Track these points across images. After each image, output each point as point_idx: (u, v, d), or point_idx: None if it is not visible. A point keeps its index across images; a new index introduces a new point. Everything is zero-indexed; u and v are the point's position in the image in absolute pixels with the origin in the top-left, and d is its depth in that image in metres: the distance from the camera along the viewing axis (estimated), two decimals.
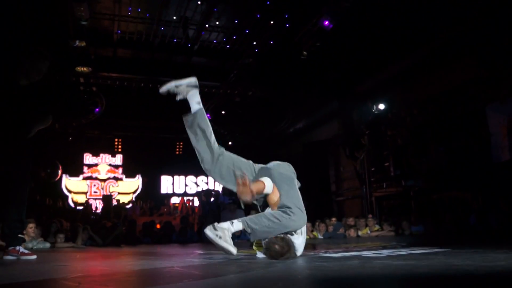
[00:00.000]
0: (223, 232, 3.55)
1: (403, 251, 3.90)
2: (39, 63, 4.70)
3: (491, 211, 8.74)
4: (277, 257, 3.38)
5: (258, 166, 4.16)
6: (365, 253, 3.81)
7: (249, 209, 10.95)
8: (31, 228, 7.44)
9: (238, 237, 9.44)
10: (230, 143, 17.40)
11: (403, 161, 11.36)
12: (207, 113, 14.77)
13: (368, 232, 9.32)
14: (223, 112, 15.41)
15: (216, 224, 3.63)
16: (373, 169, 12.59)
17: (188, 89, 4.36)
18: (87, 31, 10.31)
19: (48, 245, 7.59)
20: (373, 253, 3.79)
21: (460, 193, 10.43)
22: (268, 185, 3.68)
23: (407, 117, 11.37)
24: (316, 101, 14.44)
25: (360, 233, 9.41)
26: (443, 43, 9.83)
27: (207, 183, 19.16)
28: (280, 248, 3.40)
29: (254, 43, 11.58)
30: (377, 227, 9.53)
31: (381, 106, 11.76)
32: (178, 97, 4.42)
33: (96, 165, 17.95)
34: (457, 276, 2.27)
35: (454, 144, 9.78)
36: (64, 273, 3.04)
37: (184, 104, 4.54)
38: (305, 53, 10.82)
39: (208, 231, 3.56)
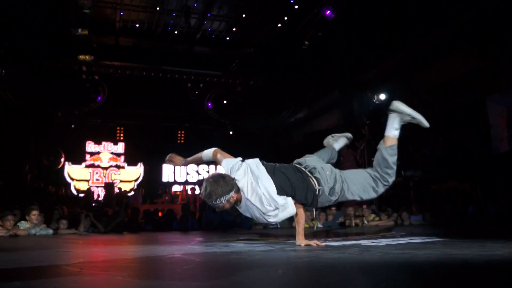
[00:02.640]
0: None
1: (402, 240, 3.91)
2: None
3: (490, 202, 8.74)
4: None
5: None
6: (364, 242, 3.82)
7: None
8: (34, 215, 7.47)
9: (239, 225, 9.48)
10: (231, 132, 17.40)
11: (403, 151, 11.34)
12: (208, 102, 14.85)
13: (366, 222, 9.34)
14: (224, 102, 15.38)
15: None
16: (373, 159, 12.58)
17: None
18: (90, 19, 10.27)
19: (50, 231, 7.61)
20: (372, 242, 3.80)
21: (459, 183, 10.44)
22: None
23: None
24: (317, 91, 14.41)
25: (359, 221, 9.44)
26: (444, 33, 9.77)
27: (208, 172, 19.18)
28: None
29: (256, 32, 11.53)
30: (372, 216, 9.54)
31: (382, 97, 11.72)
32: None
33: (98, 153, 17.94)
34: (454, 265, 2.28)
35: (453, 135, 9.77)
36: (66, 259, 3.06)
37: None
38: (306, 43, 10.78)
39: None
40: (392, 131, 4.40)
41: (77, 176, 17.48)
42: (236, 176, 3.62)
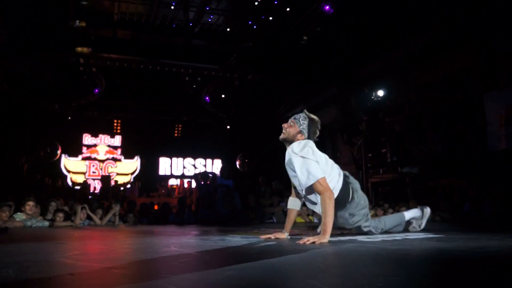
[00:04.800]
0: None
1: (398, 236, 3.92)
2: None
3: (486, 199, 8.78)
4: None
5: None
6: (360, 237, 3.83)
7: (246, 192, 11.00)
8: (28, 205, 7.46)
9: (235, 219, 9.48)
10: (228, 126, 17.39)
11: (400, 147, 11.37)
12: (206, 96, 14.82)
13: None
14: (222, 96, 15.36)
15: None
16: (370, 155, 12.61)
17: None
18: (87, 11, 10.22)
19: (46, 223, 7.61)
20: (368, 238, 3.80)
21: (455, 180, 10.47)
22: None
23: (405, 104, 11.35)
24: (315, 86, 14.40)
25: None
26: (442, 30, 9.77)
27: (205, 166, 19.19)
28: None
29: (255, 27, 11.50)
30: (372, 212, 9.57)
31: (380, 93, 11.73)
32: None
33: (95, 145, 17.91)
34: (449, 260, 2.28)
35: (450, 132, 9.78)
36: (61, 251, 3.05)
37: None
38: (305, 38, 10.77)
39: None
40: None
41: (73, 168, 17.46)
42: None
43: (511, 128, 8.38)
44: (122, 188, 16.14)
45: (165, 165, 19.09)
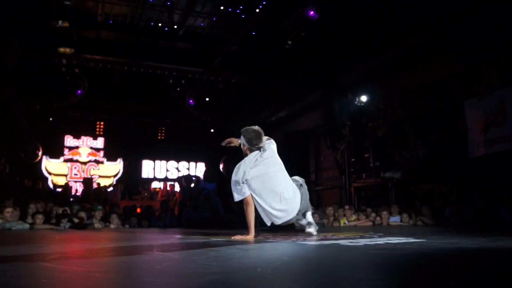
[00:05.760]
0: None
1: (380, 241, 3.95)
2: (10, 54, 5.04)
3: (465, 204, 8.90)
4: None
5: None
6: (343, 242, 3.85)
7: (228, 196, 10.97)
8: (8, 212, 7.34)
9: (218, 222, 9.45)
10: (212, 130, 17.35)
11: (383, 153, 11.47)
12: (190, 99, 14.77)
13: (346, 222, 9.41)
14: (206, 99, 15.32)
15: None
16: (353, 160, 12.68)
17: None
18: (71, 12, 10.11)
19: (27, 226, 7.49)
20: (351, 242, 3.82)
21: (436, 185, 10.60)
22: None
23: (388, 110, 11.46)
24: (299, 90, 14.46)
25: (338, 222, 9.51)
26: (424, 38, 9.93)
27: (188, 169, 19.12)
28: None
29: (239, 30, 11.51)
30: (354, 217, 9.63)
31: (363, 98, 11.84)
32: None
33: (77, 147, 17.73)
34: (430, 264, 2.31)
35: (432, 138, 9.89)
36: (41, 255, 3.00)
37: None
38: (289, 42, 10.81)
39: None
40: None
41: (54, 170, 17.25)
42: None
43: (490, 135, 8.52)
44: (103, 190, 15.99)
45: (148, 168, 18.99)
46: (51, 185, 16.80)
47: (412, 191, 11.27)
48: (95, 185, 16.30)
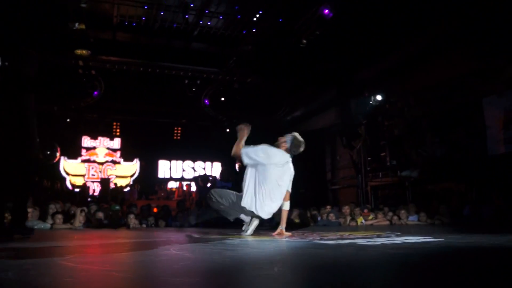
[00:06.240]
0: None
1: (398, 240, 3.93)
2: (30, 65, 5.29)
3: (485, 203, 8.78)
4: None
5: None
6: (360, 241, 3.83)
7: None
8: (28, 212, 7.44)
9: (235, 222, 9.46)
10: (228, 130, 17.38)
11: (400, 151, 11.39)
12: (205, 99, 14.80)
13: (363, 221, 9.37)
14: (221, 98, 15.36)
15: None
16: (369, 158, 12.61)
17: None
18: (87, 14, 10.23)
19: (48, 225, 7.61)
20: (368, 241, 3.81)
21: (454, 184, 10.48)
22: None
23: (404, 108, 11.37)
24: (314, 89, 14.41)
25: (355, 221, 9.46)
26: (441, 33, 9.80)
27: (204, 169, 19.19)
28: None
29: (254, 30, 11.51)
30: (371, 216, 9.58)
31: (379, 97, 11.75)
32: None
33: (94, 148, 17.92)
34: (449, 264, 2.29)
35: (450, 136, 9.79)
36: (61, 254, 3.05)
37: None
38: (304, 41, 10.78)
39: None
40: None
41: (72, 171, 17.46)
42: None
43: (510, 132, 8.40)
44: (120, 191, 16.14)
45: (165, 168, 19.10)
46: (69, 186, 17.02)
47: (430, 189, 11.16)
48: (112, 185, 16.45)
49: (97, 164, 17.84)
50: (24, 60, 5.41)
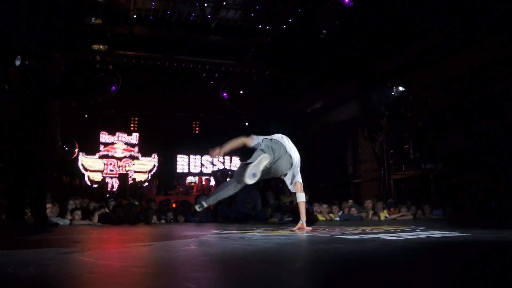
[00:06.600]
0: None
1: (422, 235, 3.88)
2: (55, 70, 5.53)
3: None
4: None
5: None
6: (383, 236, 3.80)
7: (265, 189, 11.01)
8: (48, 208, 7.58)
9: (254, 218, 9.49)
10: (246, 123, 17.40)
11: (423, 143, 11.23)
12: (223, 92, 14.83)
13: (387, 215, 9.30)
14: (240, 92, 15.36)
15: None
16: (392, 151, 12.48)
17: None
18: (103, 8, 10.32)
19: (67, 221, 7.75)
20: (391, 236, 3.78)
21: (481, 177, 10.30)
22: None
23: (428, 99, 11.20)
24: (335, 81, 14.31)
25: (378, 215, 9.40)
26: (467, 21, 9.60)
27: (223, 163, 19.25)
28: None
29: (272, 21, 11.46)
30: (394, 211, 9.51)
31: (402, 87, 11.60)
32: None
33: (112, 143, 18.13)
34: (474, 259, 2.26)
35: (476, 127, 9.62)
36: (80, 249, 3.10)
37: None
38: (324, 31, 10.69)
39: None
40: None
41: (91, 166, 17.71)
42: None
43: None
44: (139, 186, 16.31)
45: (183, 163, 19.23)
46: (87, 182, 17.26)
47: (455, 183, 10.99)
48: (130, 181, 16.63)
49: (115, 159, 18.05)
50: (49, 65, 5.62)
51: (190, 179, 18.66)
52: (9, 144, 5.33)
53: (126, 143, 18.29)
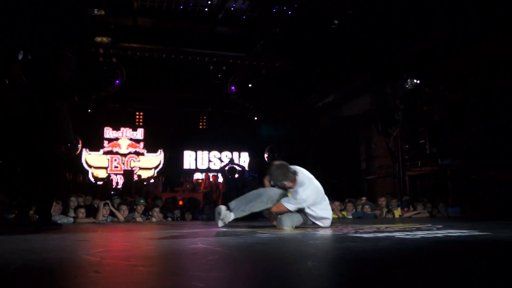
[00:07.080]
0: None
1: (440, 233, 3.86)
2: (65, 69, 5.64)
3: None
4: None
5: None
6: (398, 235, 3.78)
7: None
8: None
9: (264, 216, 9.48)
10: (255, 118, 17.38)
11: (440, 138, 11.16)
12: (231, 86, 14.80)
13: (401, 214, 9.27)
14: (248, 85, 15.33)
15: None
16: (407, 146, 12.41)
17: None
18: None
19: (71, 220, 7.79)
20: (407, 235, 3.76)
21: (502, 173, 10.22)
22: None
23: (445, 92, 11.11)
24: (347, 74, 14.23)
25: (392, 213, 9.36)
26: (486, 10, 9.50)
27: (231, 159, 19.27)
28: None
29: (281, 11, 11.40)
30: (410, 207, 9.46)
31: (418, 80, 11.51)
32: None
33: (116, 139, 18.20)
34: (497, 261, 2.24)
35: (496, 121, 9.53)
36: (85, 248, 3.11)
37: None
38: (336, 22, 10.63)
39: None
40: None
41: (95, 163, 17.79)
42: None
43: None
44: (145, 183, 16.38)
45: (190, 159, 19.27)
46: (91, 178, 17.35)
47: (474, 179, 10.91)
48: (135, 178, 16.70)
49: (120, 155, 18.12)
50: (60, 64, 5.73)
51: (197, 176, 18.69)
52: (18, 144, 5.44)
53: (131, 139, 18.35)
